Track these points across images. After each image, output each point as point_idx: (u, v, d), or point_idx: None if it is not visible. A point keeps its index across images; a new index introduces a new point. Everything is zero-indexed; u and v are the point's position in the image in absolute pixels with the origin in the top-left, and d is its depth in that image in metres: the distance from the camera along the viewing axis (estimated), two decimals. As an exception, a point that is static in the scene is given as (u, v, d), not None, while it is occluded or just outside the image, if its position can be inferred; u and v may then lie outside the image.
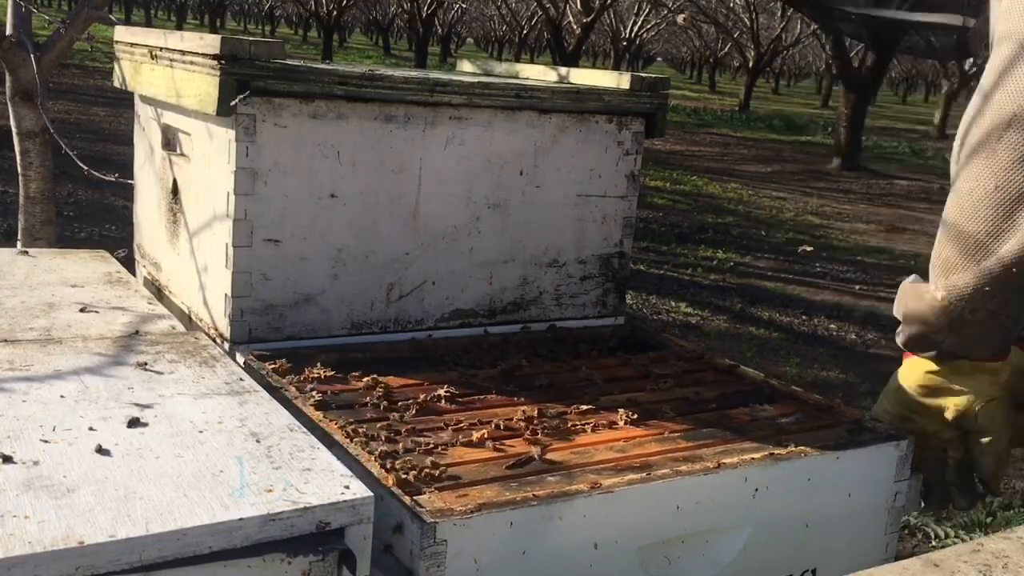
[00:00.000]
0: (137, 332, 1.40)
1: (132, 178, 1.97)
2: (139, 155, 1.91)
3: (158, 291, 1.81)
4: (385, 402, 1.34)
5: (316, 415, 1.24)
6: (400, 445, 1.19)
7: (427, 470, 1.11)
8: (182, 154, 1.66)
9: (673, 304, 5.64)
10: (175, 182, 1.71)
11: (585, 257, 1.78)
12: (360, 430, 1.21)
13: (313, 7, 22.95)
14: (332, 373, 1.41)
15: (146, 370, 1.23)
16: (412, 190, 1.59)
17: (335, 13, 21.65)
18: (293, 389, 1.34)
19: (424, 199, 1.60)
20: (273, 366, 1.41)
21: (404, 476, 1.08)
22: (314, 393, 1.33)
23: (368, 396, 1.35)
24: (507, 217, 1.69)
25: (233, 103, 1.40)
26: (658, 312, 5.46)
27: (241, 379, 1.24)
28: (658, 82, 1.78)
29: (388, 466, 1.10)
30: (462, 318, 1.68)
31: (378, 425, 1.25)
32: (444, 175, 1.61)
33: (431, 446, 1.20)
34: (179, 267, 1.71)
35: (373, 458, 1.13)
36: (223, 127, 1.47)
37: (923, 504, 1.49)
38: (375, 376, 1.41)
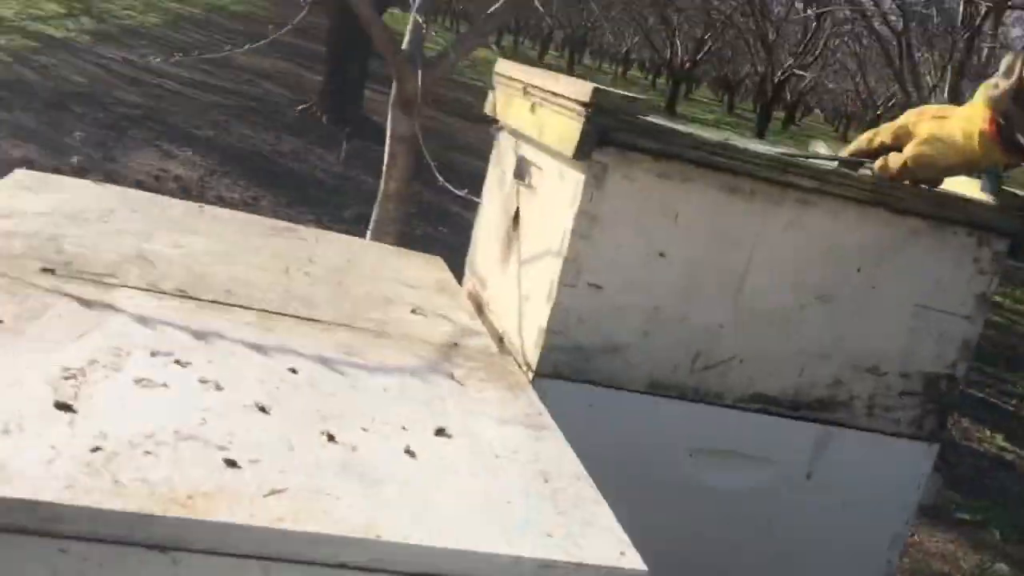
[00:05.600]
0: (456, 344, 1.49)
1: (479, 196, 2.11)
2: (490, 178, 2.03)
3: (478, 306, 1.92)
4: None
5: None
6: None
7: None
8: (530, 186, 1.75)
9: (988, 434, 5.11)
10: (518, 210, 1.80)
11: (910, 371, 1.66)
12: None
13: (668, 55, 23.35)
14: None
15: (459, 383, 1.31)
16: (741, 265, 1.57)
17: (688, 65, 21.91)
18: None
19: (751, 276, 1.57)
20: None
21: None
22: None
23: None
24: (834, 312, 1.61)
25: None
26: (968, 439, 4.98)
27: (540, 413, 1.28)
28: (1036, 203, 1.62)
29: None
30: (763, 403, 1.63)
31: None
32: (777, 256, 1.57)
33: None
34: (503, 290, 1.80)
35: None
36: (575, 170, 1.53)
37: None
38: None
